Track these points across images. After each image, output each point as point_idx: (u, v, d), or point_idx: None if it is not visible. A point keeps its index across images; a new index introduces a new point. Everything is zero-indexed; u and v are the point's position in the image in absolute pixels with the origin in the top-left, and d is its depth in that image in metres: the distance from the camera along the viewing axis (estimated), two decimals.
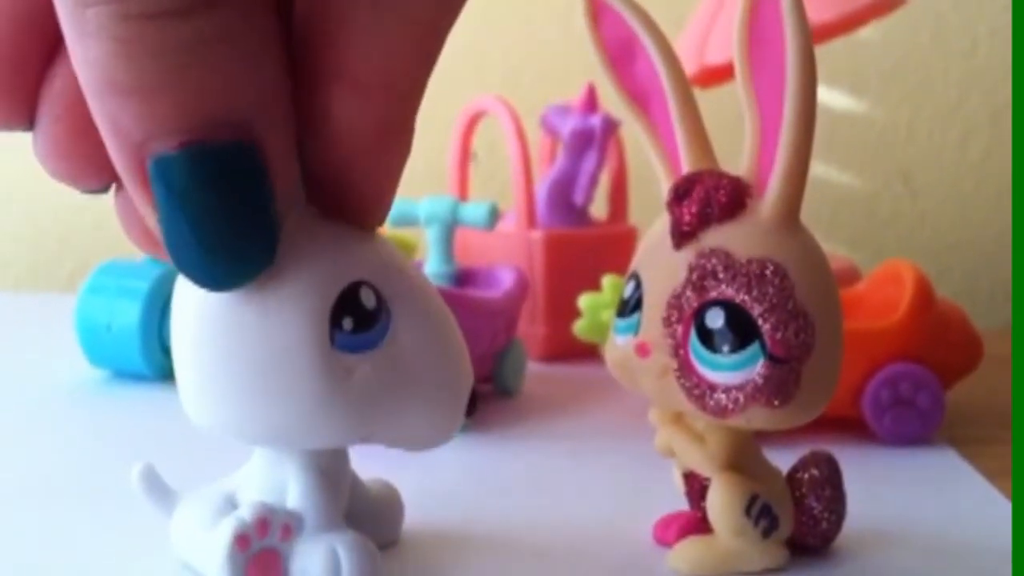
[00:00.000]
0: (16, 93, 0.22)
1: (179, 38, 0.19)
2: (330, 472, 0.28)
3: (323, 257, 0.24)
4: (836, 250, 0.85)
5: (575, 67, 0.85)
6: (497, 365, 0.53)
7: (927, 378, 0.45)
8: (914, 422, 0.45)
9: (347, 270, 0.24)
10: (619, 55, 0.32)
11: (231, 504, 0.29)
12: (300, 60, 0.22)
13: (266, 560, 0.27)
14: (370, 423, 0.25)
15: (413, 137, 0.24)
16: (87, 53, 0.19)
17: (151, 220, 0.22)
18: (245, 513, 0.27)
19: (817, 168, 0.87)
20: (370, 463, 0.33)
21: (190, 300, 0.25)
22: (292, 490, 0.28)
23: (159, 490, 0.31)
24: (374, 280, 0.25)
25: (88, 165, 0.23)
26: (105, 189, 0.24)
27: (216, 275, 0.22)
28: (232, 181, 0.21)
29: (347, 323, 0.24)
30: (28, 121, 0.23)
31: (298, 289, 0.24)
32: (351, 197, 0.24)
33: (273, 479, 0.28)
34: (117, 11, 0.18)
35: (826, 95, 0.88)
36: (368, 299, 0.25)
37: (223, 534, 0.26)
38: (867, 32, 0.70)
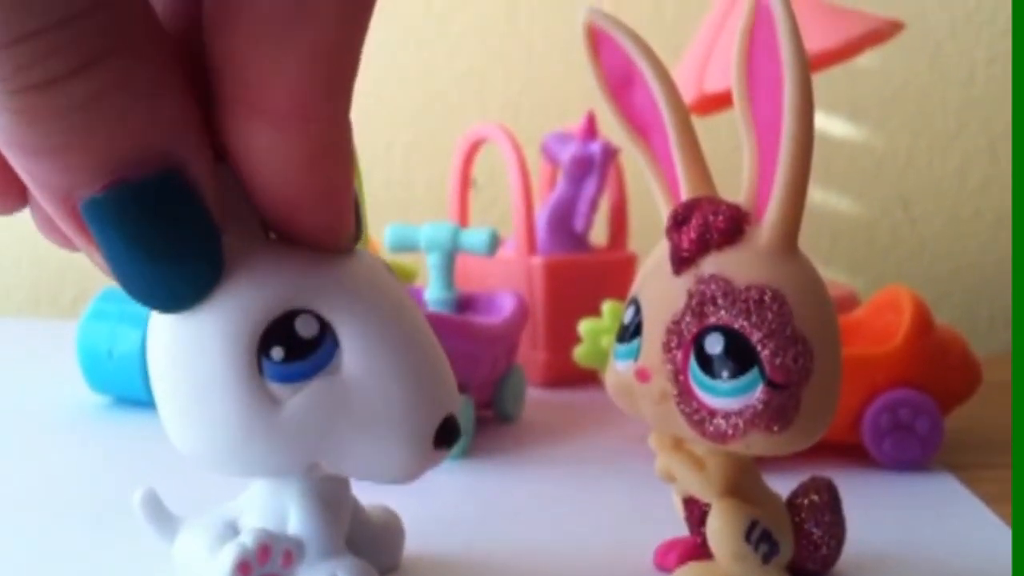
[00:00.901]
0: (4, 179, 0.23)
1: (72, 98, 0.19)
2: (330, 498, 0.28)
3: (257, 284, 0.24)
4: (835, 277, 0.86)
5: (575, 95, 0.86)
6: (497, 391, 0.53)
7: (926, 404, 0.45)
8: (913, 447, 0.45)
9: (284, 298, 0.24)
10: (619, 83, 0.32)
11: (233, 530, 0.29)
12: (215, 93, 0.22)
13: None
14: (309, 454, 0.25)
15: (351, 156, 0.24)
16: None
17: (96, 258, 0.22)
18: (247, 539, 0.27)
19: (816, 195, 0.88)
20: (370, 488, 0.33)
21: (150, 328, 0.26)
22: (293, 516, 0.28)
23: (161, 515, 0.31)
24: (320, 307, 0.24)
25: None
26: None
27: (172, 297, 0.23)
28: (163, 208, 0.21)
29: (276, 352, 0.24)
30: (22, 201, 0.24)
31: (226, 316, 0.24)
32: (301, 225, 0.24)
33: (274, 505, 0.28)
34: (7, 88, 0.19)
35: (825, 122, 0.88)
36: (306, 328, 0.24)
37: (225, 560, 0.26)
38: (865, 59, 0.71)
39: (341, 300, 0.25)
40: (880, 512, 0.40)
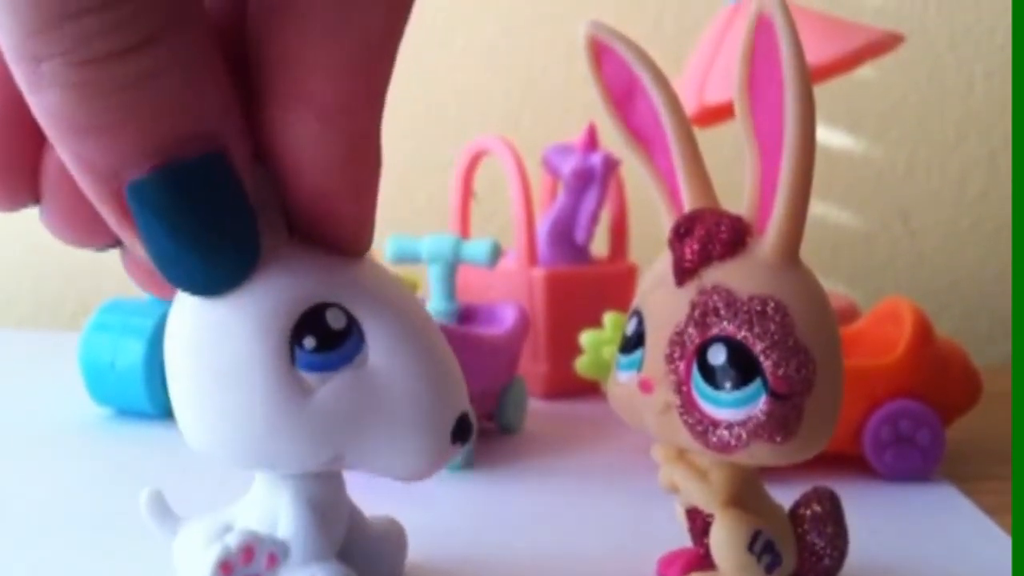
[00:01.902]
0: (18, 173, 0.23)
1: (127, 75, 0.19)
2: (322, 503, 0.29)
3: (290, 277, 0.24)
4: (835, 288, 0.86)
5: (575, 107, 0.86)
6: (499, 402, 0.53)
7: (927, 415, 0.45)
8: (915, 459, 0.45)
9: (315, 291, 0.25)
10: (621, 96, 0.32)
11: (227, 531, 0.29)
12: (258, 85, 0.23)
13: None
14: (335, 445, 0.25)
15: (381, 153, 0.24)
16: (45, 102, 0.20)
17: (136, 248, 0.22)
18: (231, 540, 0.27)
19: (816, 207, 0.88)
20: (371, 499, 0.33)
21: (170, 321, 0.26)
22: (282, 519, 0.28)
23: (164, 515, 0.31)
24: (347, 303, 0.25)
25: (89, 228, 0.24)
26: (110, 247, 0.25)
27: (210, 280, 0.23)
28: (208, 190, 0.22)
29: (309, 342, 0.24)
30: (34, 198, 0.24)
31: (261, 304, 0.24)
32: (330, 222, 0.25)
33: (268, 509, 0.29)
34: (69, 60, 0.19)
35: (824, 134, 0.89)
36: (336, 320, 0.25)
37: (208, 560, 0.27)
38: (865, 72, 0.71)
39: (365, 297, 0.25)
40: (882, 523, 0.40)
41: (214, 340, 0.24)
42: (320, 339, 0.24)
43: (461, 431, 0.26)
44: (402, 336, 0.25)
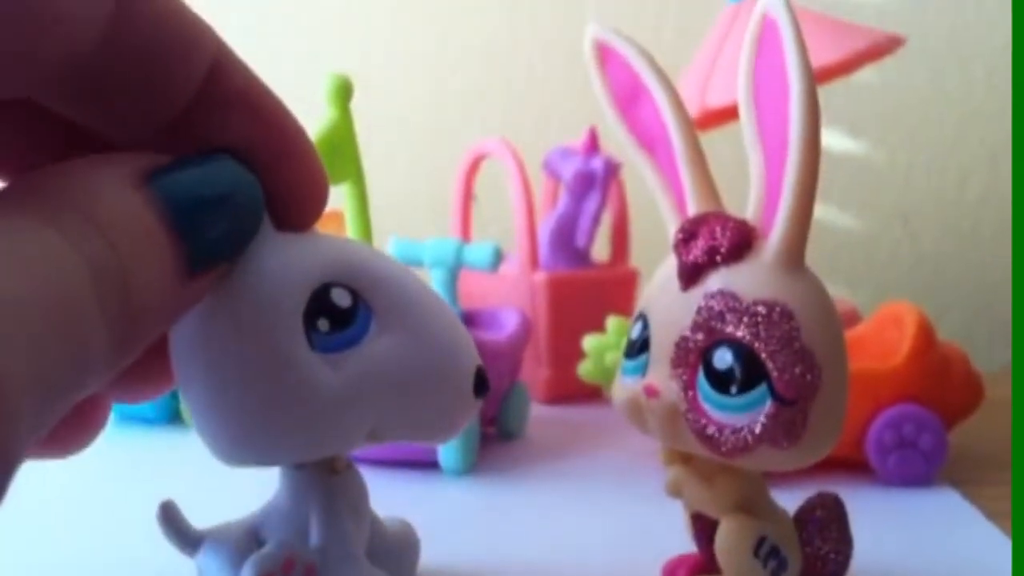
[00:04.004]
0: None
1: None
2: (352, 506, 0.29)
3: (287, 264, 0.24)
4: (835, 291, 0.85)
5: (576, 111, 0.86)
6: (501, 408, 0.53)
7: (930, 420, 0.45)
8: (917, 463, 0.45)
9: (313, 273, 0.24)
10: (625, 98, 0.32)
11: (255, 541, 0.29)
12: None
13: None
14: (368, 419, 0.25)
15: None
16: None
17: None
18: (269, 552, 0.27)
19: (816, 210, 0.87)
20: (372, 502, 0.33)
21: (178, 331, 0.25)
22: (315, 524, 0.28)
23: (181, 529, 0.30)
24: (345, 280, 0.25)
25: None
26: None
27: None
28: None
29: (323, 324, 0.24)
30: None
31: (268, 298, 0.24)
32: (285, 190, 0.24)
33: (297, 514, 0.28)
34: None
35: (825, 137, 0.88)
36: (341, 298, 0.25)
37: (250, 570, 0.26)
38: (865, 74, 0.71)
39: (364, 273, 0.25)
40: (885, 527, 0.40)
41: (223, 336, 0.24)
42: (332, 319, 0.24)
43: (481, 383, 0.27)
44: (408, 303, 0.26)
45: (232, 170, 0.22)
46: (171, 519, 0.30)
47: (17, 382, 0.15)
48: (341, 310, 0.25)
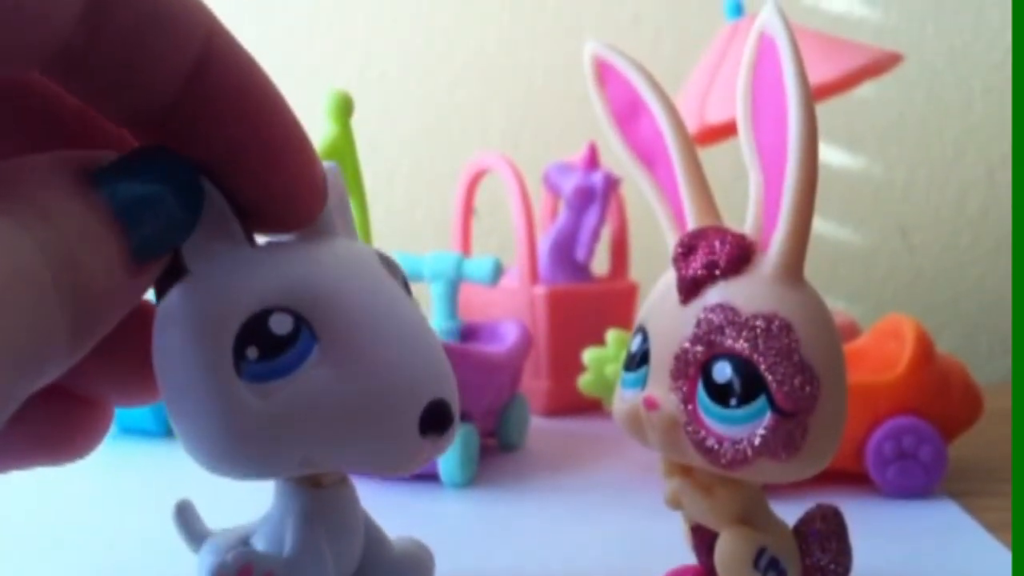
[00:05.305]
0: None
1: None
2: (329, 520, 0.28)
3: (232, 283, 0.24)
4: (834, 305, 0.86)
5: (575, 125, 0.86)
6: (501, 420, 0.53)
7: (929, 432, 0.45)
8: (917, 475, 0.45)
9: (259, 295, 0.24)
10: (624, 114, 0.32)
11: (241, 545, 0.29)
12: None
13: None
14: (298, 448, 0.24)
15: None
16: None
17: None
18: (229, 557, 0.27)
19: (815, 224, 0.87)
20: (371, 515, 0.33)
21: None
22: (288, 537, 0.28)
23: (192, 526, 0.31)
24: (292, 304, 0.24)
25: None
26: None
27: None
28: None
29: (251, 352, 0.23)
30: None
31: (203, 319, 0.23)
32: (259, 194, 0.24)
33: (278, 525, 0.29)
34: None
35: (824, 152, 0.89)
36: (280, 325, 0.24)
37: (205, 573, 0.27)
38: (864, 90, 0.71)
39: (318, 293, 0.24)
40: (884, 539, 0.40)
41: (170, 356, 0.24)
42: (263, 348, 0.23)
43: (431, 422, 0.25)
44: (358, 330, 0.24)
45: (172, 167, 0.22)
46: (185, 516, 0.31)
47: None
48: (276, 338, 0.24)
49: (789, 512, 0.32)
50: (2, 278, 0.17)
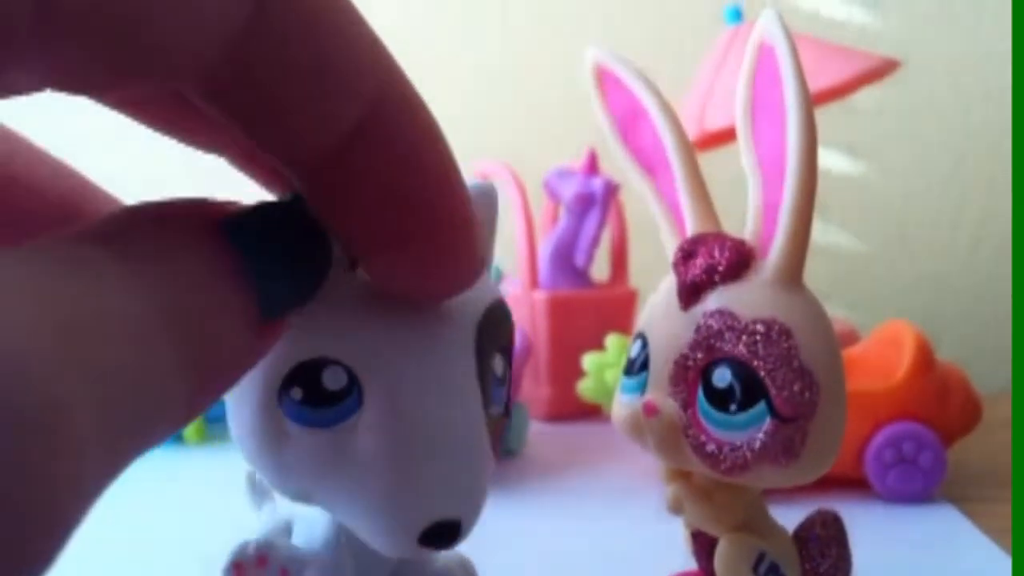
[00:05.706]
0: None
1: None
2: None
3: (304, 324, 0.23)
4: (834, 311, 0.86)
5: (576, 132, 0.86)
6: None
7: (929, 437, 0.45)
8: (916, 481, 0.45)
9: (321, 344, 0.23)
10: (625, 121, 0.32)
11: (286, 529, 0.30)
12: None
13: None
14: (303, 484, 0.24)
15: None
16: None
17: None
18: (250, 544, 0.27)
19: (814, 230, 0.87)
20: None
21: None
22: (318, 535, 0.28)
23: (261, 492, 0.33)
24: (357, 366, 0.23)
25: None
26: None
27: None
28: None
29: (295, 392, 0.23)
30: None
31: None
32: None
33: (313, 526, 0.28)
34: None
35: (823, 158, 0.89)
36: (333, 380, 0.23)
37: (228, 554, 0.27)
38: (863, 96, 0.71)
39: (380, 362, 0.23)
40: (884, 544, 0.40)
41: None
42: (307, 393, 0.23)
43: (432, 539, 0.24)
44: (400, 418, 0.23)
45: (306, 222, 0.21)
46: (252, 482, 0.33)
47: (85, 419, 0.14)
48: (322, 390, 0.23)
49: (789, 517, 0.32)
50: (117, 340, 0.15)
